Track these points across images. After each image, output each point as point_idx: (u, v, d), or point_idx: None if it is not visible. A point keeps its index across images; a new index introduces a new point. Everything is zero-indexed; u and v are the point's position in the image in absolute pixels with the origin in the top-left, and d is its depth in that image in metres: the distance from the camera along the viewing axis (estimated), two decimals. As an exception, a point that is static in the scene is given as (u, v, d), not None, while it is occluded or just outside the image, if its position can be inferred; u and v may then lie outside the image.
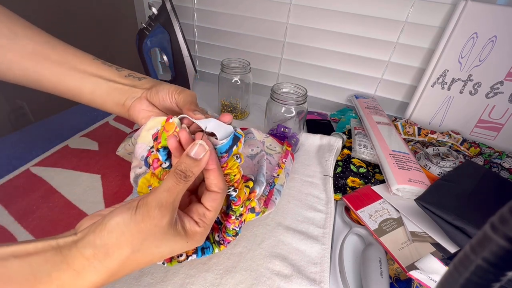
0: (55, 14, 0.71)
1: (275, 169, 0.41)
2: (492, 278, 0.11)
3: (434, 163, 0.50)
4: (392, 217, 0.43)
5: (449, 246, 0.38)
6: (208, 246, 0.33)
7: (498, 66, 0.55)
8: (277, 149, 0.45)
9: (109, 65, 0.36)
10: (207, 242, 0.33)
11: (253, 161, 0.40)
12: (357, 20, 0.63)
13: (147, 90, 0.35)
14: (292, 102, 0.49)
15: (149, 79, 0.37)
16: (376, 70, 0.68)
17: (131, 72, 0.37)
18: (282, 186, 0.41)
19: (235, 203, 0.31)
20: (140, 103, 0.35)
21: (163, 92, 0.34)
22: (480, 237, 0.12)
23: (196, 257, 0.32)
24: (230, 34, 0.76)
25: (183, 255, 0.31)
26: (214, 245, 0.33)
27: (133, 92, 0.36)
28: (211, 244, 0.33)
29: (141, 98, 0.35)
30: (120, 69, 0.37)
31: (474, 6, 0.53)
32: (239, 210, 0.31)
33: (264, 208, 0.35)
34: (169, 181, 0.24)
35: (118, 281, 0.33)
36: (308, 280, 0.34)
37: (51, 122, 0.58)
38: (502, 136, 0.60)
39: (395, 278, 0.36)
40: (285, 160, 0.44)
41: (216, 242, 0.33)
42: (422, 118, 0.65)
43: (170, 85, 0.35)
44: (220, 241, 0.33)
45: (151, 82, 0.37)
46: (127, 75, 0.37)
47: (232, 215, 0.31)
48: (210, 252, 0.32)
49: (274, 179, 0.39)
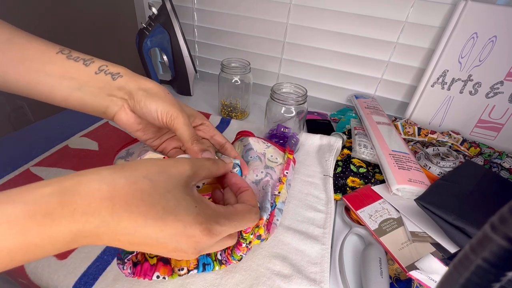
0: (55, 15, 0.71)
1: (276, 186, 0.40)
2: (492, 278, 0.11)
3: (434, 163, 0.50)
4: (392, 217, 0.43)
5: (449, 246, 0.38)
6: (210, 262, 0.33)
7: (498, 66, 0.55)
8: (278, 160, 0.45)
9: (76, 59, 0.30)
10: (208, 258, 0.34)
11: (258, 186, 0.40)
12: (357, 20, 0.63)
13: (126, 101, 0.31)
14: (292, 102, 0.49)
15: (125, 76, 0.31)
16: (376, 70, 0.68)
17: (101, 65, 0.31)
18: (284, 203, 0.41)
19: (245, 231, 0.31)
20: (125, 115, 0.32)
21: (149, 114, 0.30)
22: (480, 237, 0.12)
23: (197, 272, 0.33)
24: (230, 34, 0.76)
25: (184, 269, 0.32)
26: (215, 262, 0.34)
27: (113, 101, 0.31)
28: (212, 262, 0.34)
29: (125, 109, 0.31)
30: (89, 61, 0.31)
31: (474, 6, 0.53)
32: (249, 237, 0.32)
33: (268, 235, 0.36)
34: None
35: (118, 281, 0.33)
36: (308, 280, 0.34)
37: (51, 122, 0.58)
38: (502, 136, 0.60)
39: (395, 278, 0.36)
40: (286, 172, 0.43)
41: (218, 261, 0.34)
42: (422, 118, 0.65)
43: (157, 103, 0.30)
44: (222, 261, 0.34)
45: (129, 85, 0.31)
46: (98, 71, 0.31)
47: (242, 242, 0.32)
48: (211, 269, 0.33)
49: (275, 198, 0.39)
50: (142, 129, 0.34)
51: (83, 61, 0.31)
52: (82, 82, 0.30)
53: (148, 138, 0.35)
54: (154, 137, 0.36)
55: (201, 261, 0.33)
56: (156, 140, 0.36)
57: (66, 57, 0.30)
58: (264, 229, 0.33)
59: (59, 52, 0.30)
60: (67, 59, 0.30)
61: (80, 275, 0.33)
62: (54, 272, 0.34)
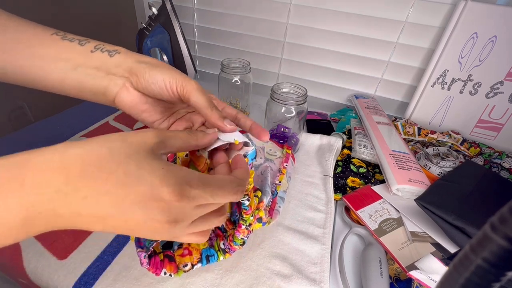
0: (54, 14, 0.71)
1: (277, 176, 0.41)
2: (492, 278, 0.11)
3: (434, 163, 0.50)
4: (392, 217, 0.42)
5: (449, 246, 0.38)
6: (213, 253, 0.33)
7: (498, 66, 0.55)
8: (277, 153, 0.45)
9: (71, 40, 0.29)
10: (211, 249, 0.33)
11: (257, 171, 0.41)
12: (357, 20, 0.63)
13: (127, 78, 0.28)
14: (292, 102, 0.49)
15: (123, 53, 0.29)
16: (376, 70, 0.68)
17: (97, 44, 0.29)
18: (285, 192, 0.41)
19: (246, 212, 0.31)
20: (128, 94, 0.29)
21: (156, 85, 0.28)
22: (480, 237, 0.12)
23: (201, 266, 0.32)
24: (230, 34, 0.76)
25: (188, 265, 0.32)
26: (219, 252, 0.33)
27: (112, 80, 0.28)
28: (216, 252, 0.33)
29: (127, 88, 0.28)
30: (84, 41, 0.29)
31: (474, 6, 0.53)
32: (249, 219, 0.32)
33: (270, 219, 0.36)
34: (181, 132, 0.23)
35: (118, 281, 0.33)
36: (308, 280, 0.34)
37: (51, 122, 0.58)
38: (502, 136, 0.60)
39: (395, 278, 0.36)
40: (286, 165, 0.44)
41: (221, 250, 0.34)
42: (422, 118, 0.65)
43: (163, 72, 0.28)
44: (225, 249, 0.33)
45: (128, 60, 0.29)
46: (94, 49, 0.29)
47: (242, 224, 0.32)
48: (215, 260, 0.33)
49: (276, 187, 0.39)
50: (148, 109, 0.30)
51: (78, 41, 0.29)
52: (78, 62, 0.28)
53: (155, 120, 0.32)
54: (162, 118, 0.32)
55: (204, 253, 0.33)
56: (164, 122, 0.32)
57: (61, 38, 0.28)
58: (265, 213, 0.33)
59: (53, 34, 0.28)
60: (62, 40, 0.28)
61: (80, 275, 0.33)
62: (54, 272, 0.34)
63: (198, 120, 0.34)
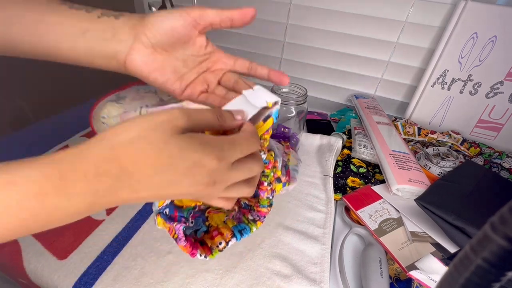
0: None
1: (285, 156, 0.41)
2: (492, 278, 0.11)
3: (434, 163, 0.50)
4: (392, 217, 0.42)
5: (449, 246, 0.38)
6: (244, 227, 0.32)
7: (498, 66, 0.55)
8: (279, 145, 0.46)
9: (77, 8, 0.29)
10: (241, 224, 0.33)
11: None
12: (357, 20, 0.63)
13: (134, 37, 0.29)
14: (292, 102, 0.49)
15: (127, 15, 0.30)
16: (376, 70, 0.68)
17: (104, 11, 0.30)
18: (297, 166, 0.41)
19: (267, 166, 0.31)
20: (139, 54, 0.29)
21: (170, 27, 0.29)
22: (480, 237, 0.12)
23: (236, 240, 0.31)
24: (230, 34, 0.76)
25: (222, 243, 0.31)
26: (250, 224, 0.33)
27: (121, 41, 0.29)
28: (246, 225, 0.32)
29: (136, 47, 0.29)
30: (91, 9, 0.30)
31: (474, 6, 0.53)
32: (270, 174, 0.31)
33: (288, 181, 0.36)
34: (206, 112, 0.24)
35: (118, 281, 0.33)
36: (308, 280, 0.34)
37: (51, 122, 0.58)
38: (502, 136, 0.60)
39: (395, 278, 0.36)
40: (287, 151, 0.44)
41: (251, 221, 0.33)
42: (422, 118, 0.65)
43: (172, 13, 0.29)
44: (255, 218, 0.33)
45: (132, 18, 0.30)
46: (100, 15, 0.29)
47: (264, 181, 0.31)
48: (248, 232, 0.32)
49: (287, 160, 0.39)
50: (159, 67, 0.30)
51: (85, 9, 0.29)
52: (86, 27, 0.29)
53: (167, 80, 0.31)
54: (174, 77, 0.32)
55: (235, 229, 0.32)
56: (176, 82, 0.32)
57: (69, 7, 0.29)
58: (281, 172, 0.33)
59: (62, 4, 0.29)
60: (69, 8, 0.29)
61: (80, 275, 0.33)
62: (54, 272, 0.34)
63: (213, 80, 0.34)
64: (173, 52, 0.31)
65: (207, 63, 0.34)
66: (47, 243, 0.36)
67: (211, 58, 0.34)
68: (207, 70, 0.34)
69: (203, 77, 0.34)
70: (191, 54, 0.32)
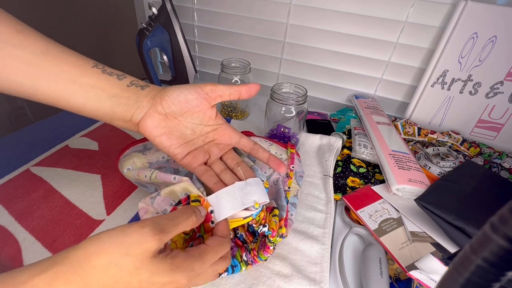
0: (55, 14, 0.71)
1: (285, 182, 0.41)
2: (492, 278, 0.11)
3: (434, 163, 0.50)
4: (392, 217, 0.43)
5: (449, 246, 0.38)
6: (236, 264, 0.34)
7: (498, 66, 0.55)
8: (283, 156, 0.45)
9: (110, 74, 0.33)
10: (235, 260, 0.34)
11: (269, 182, 0.41)
12: (357, 20, 0.63)
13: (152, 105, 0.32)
14: (292, 102, 0.49)
15: (152, 86, 0.34)
16: (376, 70, 0.68)
17: (133, 80, 0.34)
18: (296, 197, 0.41)
19: (271, 235, 0.32)
20: (151, 119, 0.32)
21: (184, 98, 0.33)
22: (480, 237, 0.12)
23: (227, 274, 0.33)
24: (230, 34, 0.76)
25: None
26: (242, 263, 0.34)
27: (139, 107, 0.32)
28: (239, 263, 0.34)
29: (150, 113, 0.32)
30: (122, 76, 0.33)
31: (474, 6, 0.53)
32: (276, 240, 0.33)
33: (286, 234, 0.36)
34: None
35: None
36: (308, 280, 0.34)
37: (51, 122, 0.58)
38: (502, 136, 0.60)
39: (395, 278, 0.36)
40: (293, 167, 0.43)
41: (244, 262, 0.34)
42: (422, 118, 0.65)
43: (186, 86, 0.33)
44: (248, 262, 0.34)
45: (154, 90, 0.34)
46: (130, 84, 0.33)
47: (270, 245, 0.33)
48: (239, 270, 0.34)
49: (286, 194, 0.39)
50: (167, 132, 0.33)
51: (116, 76, 0.33)
52: (114, 93, 0.32)
53: (171, 144, 0.34)
54: (178, 143, 0.34)
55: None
56: (179, 147, 0.34)
57: (101, 71, 0.32)
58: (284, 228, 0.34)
59: (94, 67, 0.32)
60: (102, 73, 0.32)
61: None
62: (54, 272, 0.33)
63: (215, 152, 0.36)
64: (182, 120, 0.34)
65: (213, 134, 0.37)
66: (47, 243, 0.36)
67: (218, 130, 0.37)
68: (213, 141, 0.37)
69: (208, 147, 0.36)
70: (200, 123, 0.35)
